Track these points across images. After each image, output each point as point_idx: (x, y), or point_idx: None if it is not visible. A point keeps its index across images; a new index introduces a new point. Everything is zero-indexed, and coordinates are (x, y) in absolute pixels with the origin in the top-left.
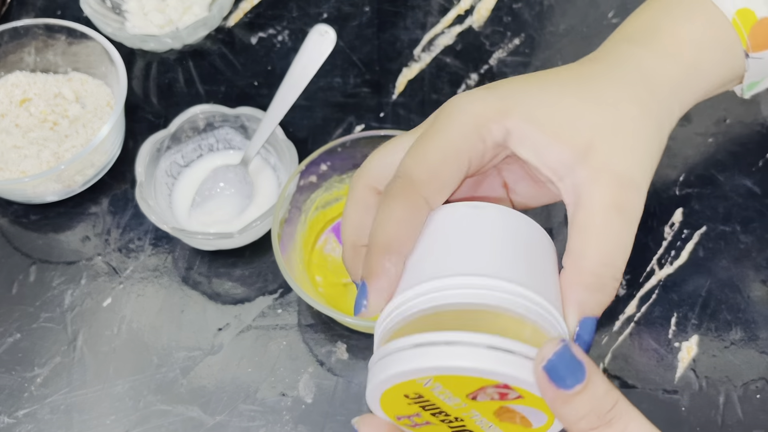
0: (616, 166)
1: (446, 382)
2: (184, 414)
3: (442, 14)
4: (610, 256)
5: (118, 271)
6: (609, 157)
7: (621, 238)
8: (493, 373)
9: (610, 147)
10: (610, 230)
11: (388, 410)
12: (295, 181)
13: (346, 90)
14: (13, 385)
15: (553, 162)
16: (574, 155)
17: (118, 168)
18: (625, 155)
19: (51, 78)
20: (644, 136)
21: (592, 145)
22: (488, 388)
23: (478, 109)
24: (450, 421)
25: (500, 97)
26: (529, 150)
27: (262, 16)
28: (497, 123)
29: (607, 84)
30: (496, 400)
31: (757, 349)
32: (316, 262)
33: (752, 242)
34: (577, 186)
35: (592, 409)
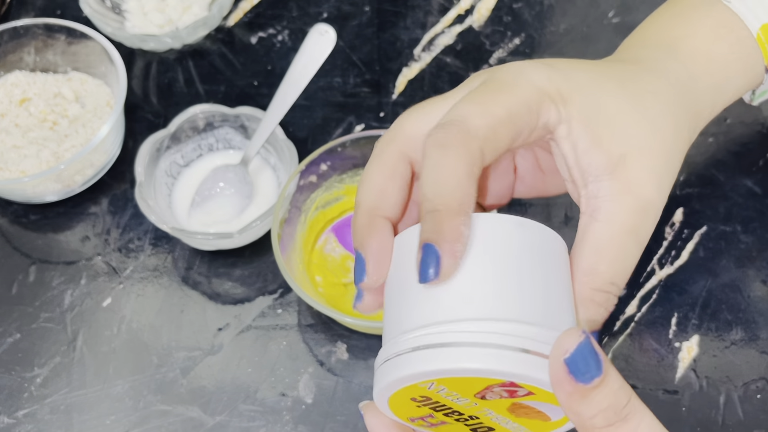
0: (641, 188)
1: (450, 384)
2: (184, 414)
3: (442, 14)
4: (619, 277)
5: (117, 271)
6: (637, 177)
7: (629, 260)
8: (497, 372)
9: (639, 166)
10: (624, 253)
11: (400, 413)
12: (295, 180)
13: (346, 90)
14: (12, 386)
15: (586, 165)
16: (606, 165)
17: (117, 168)
18: (651, 177)
19: (51, 78)
20: (672, 158)
21: (624, 160)
22: (495, 387)
23: (543, 84)
24: (465, 419)
25: (564, 79)
26: (570, 145)
27: (261, 16)
28: (556, 106)
29: (654, 98)
30: (505, 398)
31: (758, 349)
32: (316, 262)
33: (753, 242)
34: (598, 199)
35: (609, 404)
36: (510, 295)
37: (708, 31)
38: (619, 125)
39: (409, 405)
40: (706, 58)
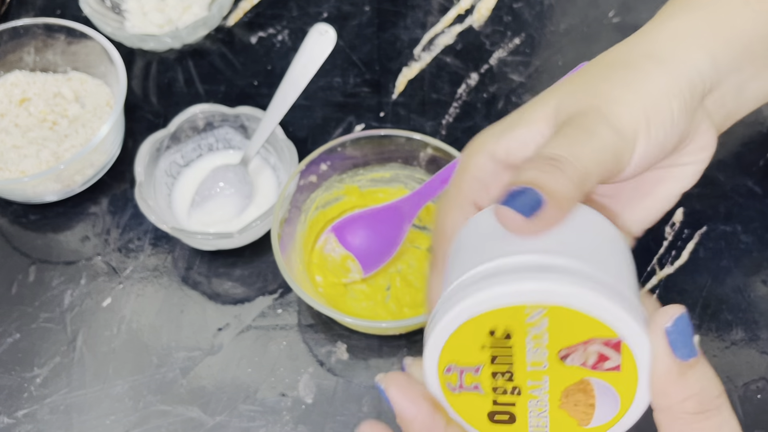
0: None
1: (558, 319)
2: (184, 414)
3: (442, 13)
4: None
5: (117, 271)
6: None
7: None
8: (623, 319)
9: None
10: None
11: (447, 355)
12: (295, 180)
13: (346, 89)
14: (12, 386)
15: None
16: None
17: (117, 168)
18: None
19: (50, 77)
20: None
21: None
22: (594, 344)
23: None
24: (504, 390)
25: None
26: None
27: (261, 16)
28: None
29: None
30: (586, 367)
31: (758, 349)
32: (316, 262)
33: (753, 242)
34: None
35: (702, 389)
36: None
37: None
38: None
39: (472, 345)
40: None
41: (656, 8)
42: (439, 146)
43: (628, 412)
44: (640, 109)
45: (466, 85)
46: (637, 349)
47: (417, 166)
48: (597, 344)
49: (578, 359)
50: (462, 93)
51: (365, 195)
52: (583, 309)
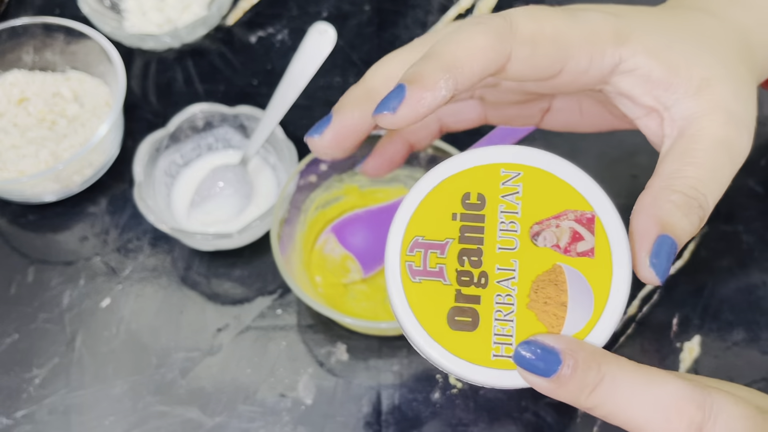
0: (730, 103)
1: (532, 186)
2: (183, 415)
3: (442, 13)
4: (705, 185)
5: (116, 271)
6: (724, 96)
7: (721, 174)
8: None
9: (723, 86)
10: (713, 161)
11: (415, 226)
12: (294, 180)
13: (346, 89)
14: (11, 386)
15: (661, 93)
16: (687, 88)
17: (116, 168)
18: (738, 97)
19: (49, 77)
20: (751, 89)
21: (707, 82)
22: (567, 219)
23: (599, 25)
24: (470, 279)
25: (620, 21)
26: (635, 81)
27: (261, 15)
28: (613, 48)
29: (716, 39)
30: (558, 250)
31: (760, 350)
32: (315, 263)
33: (754, 242)
34: (686, 117)
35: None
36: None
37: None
38: (693, 55)
39: (441, 217)
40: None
41: None
42: (439, 146)
43: (602, 317)
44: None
45: None
46: (612, 229)
47: (417, 166)
48: (570, 219)
49: (550, 238)
50: None
51: (365, 195)
52: (559, 174)
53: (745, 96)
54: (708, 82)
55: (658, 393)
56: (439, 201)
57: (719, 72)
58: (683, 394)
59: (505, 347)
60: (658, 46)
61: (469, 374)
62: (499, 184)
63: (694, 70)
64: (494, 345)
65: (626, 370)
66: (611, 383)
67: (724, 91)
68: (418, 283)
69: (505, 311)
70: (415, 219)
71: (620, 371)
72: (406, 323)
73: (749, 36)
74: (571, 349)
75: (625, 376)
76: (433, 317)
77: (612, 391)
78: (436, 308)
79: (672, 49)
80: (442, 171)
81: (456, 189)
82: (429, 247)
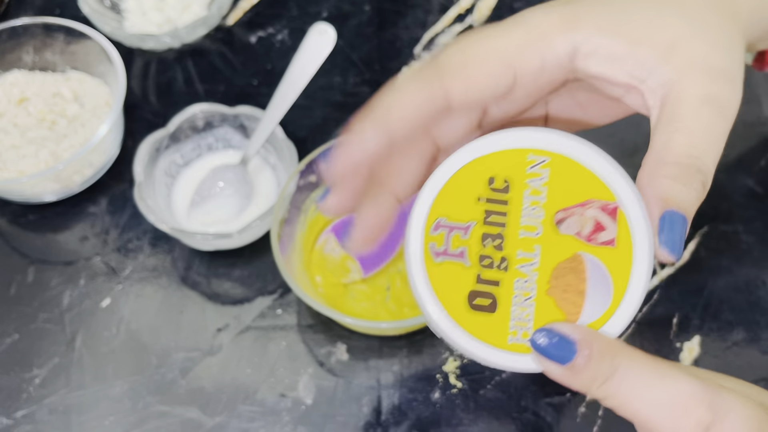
0: (708, 58)
1: (559, 173)
2: (183, 415)
3: (442, 13)
4: (698, 148)
5: (116, 271)
6: (697, 52)
7: (712, 132)
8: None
9: (695, 43)
10: (700, 121)
11: (440, 207)
12: (294, 180)
13: (346, 89)
14: (11, 386)
15: (631, 67)
16: (657, 56)
17: (116, 168)
18: (714, 48)
19: (49, 77)
20: (731, 39)
21: (676, 44)
22: (591, 208)
23: (540, 21)
24: (491, 262)
25: (566, 8)
26: (601, 62)
27: (261, 15)
28: (563, 36)
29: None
30: (581, 238)
31: (759, 349)
32: (315, 262)
33: (754, 242)
34: (663, 84)
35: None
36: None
37: None
38: (651, 19)
39: (466, 198)
40: None
41: None
42: None
43: (620, 307)
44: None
45: None
46: (635, 219)
47: None
48: (594, 208)
49: (574, 227)
50: None
51: None
52: (586, 163)
53: (725, 46)
54: (676, 43)
55: (669, 390)
56: (464, 183)
57: (686, 31)
58: (693, 393)
59: (522, 332)
60: (614, 21)
61: (484, 355)
62: (525, 169)
63: (657, 36)
64: (512, 329)
65: (639, 363)
66: (623, 376)
67: (697, 47)
68: (440, 263)
69: (524, 296)
70: (440, 200)
71: (633, 364)
72: (427, 302)
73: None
74: (587, 339)
75: (638, 370)
76: (453, 298)
77: (623, 384)
78: (457, 289)
79: (630, 21)
80: (468, 152)
81: (482, 172)
82: (452, 228)
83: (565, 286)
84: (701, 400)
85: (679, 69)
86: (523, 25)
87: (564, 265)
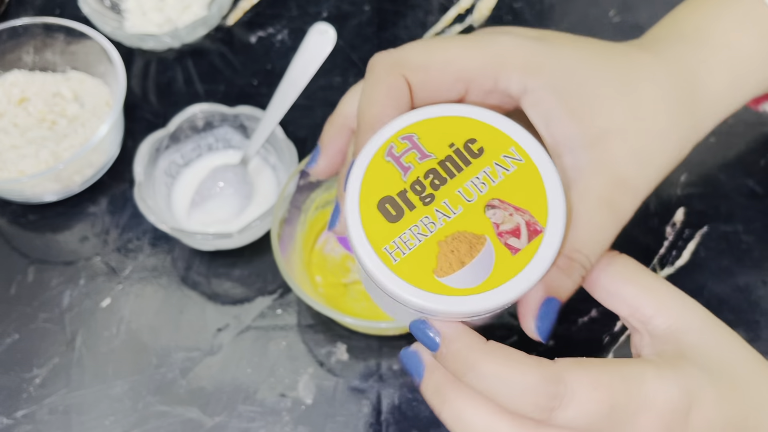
0: (621, 166)
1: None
2: (183, 415)
3: (442, 13)
4: (586, 245)
5: (116, 271)
6: (617, 154)
7: (601, 233)
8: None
9: (622, 145)
10: (592, 221)
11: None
12: (294, 180)
13: (346, 89)
14: (11, 386)
15: (559, 136)
16: (584, 139)
17: (116, 168)
18: (635, 159)
19: (49, 77)
20: (664, 143)
21: (606, 136)
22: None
23: (509, 50)
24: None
25: (540, 51)
26: (540, 115)
27: (261, 15)
28: (518, 75)
29: (647, 79)
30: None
31: (760, 349)
32: (315, 262)
33: (754, 242)
34: (574, 168)
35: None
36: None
37: (732, 22)
38: (600, 102)
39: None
40: (725, 47)
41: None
42: None
43: (480, 296)
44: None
45: None
46: (545, 250)
47: None
48: (524, 218)
49: (498, 217)
50: None
51: None
52: (546, 180)
53: (647, 152)
54: (606, 135)
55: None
56: (451, 126)
57: (624, 124)
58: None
59: (395, 252)
60: (568, 84)
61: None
62: (501, 154)
63: (597, 119)
64: (392, 243)
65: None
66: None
67: (620, 147)
68: (387, 162)
69: (421, 230)
70: (424, 124)
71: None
72: (355, 174)
73: (696, 78)
74: (450, 337)
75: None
76: (373, 191)
77: (478, 380)
78: (381, 187)
79: (580, 90)
80: (471, 110)
81: (471, 128)
82: (416, 147)
83: (455, 249)
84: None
85: (595, 163)
86: (492, 46)
87: (467, 234)
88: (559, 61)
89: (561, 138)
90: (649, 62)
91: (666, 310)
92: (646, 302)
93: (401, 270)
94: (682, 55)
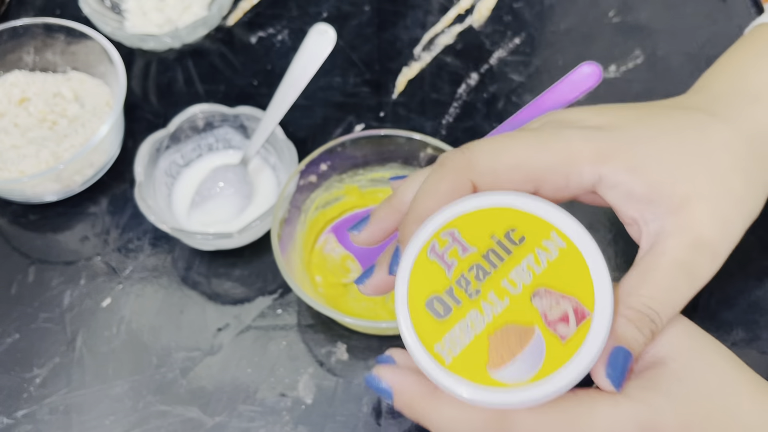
0: (704, 228)
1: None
2: (184, 415)
3: (442, 13)
4: (659, 304)
5: (117, 271)
6: (699, 218)
7: (676, 295)
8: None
9: (704, 208)
10: (670, 284)
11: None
12: (294, 180)
13: (346, 89)
14: (11, 386)
15: (644, 209)
16: (668, 207)
17: (117, 168)
18: (716, 221)
19: (50, 77)
20: (741, 209)
21: (688, 201)
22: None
23: (576, 145)
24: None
25: (603, 140)
26: (619, 196)
27: (261, 16)
28: (591, 166)
29: (721, 146)
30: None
31: (759, 349)
32: (316, 262)
33: (754, 242)
34: (657, 234)
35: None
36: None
37: None
38: (679, 171)
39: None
40: None
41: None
42: (439, 146)
43: (532, 385)
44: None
45: (466, 85)
46: (594, 334)
47: (417, 166)
48: (570, 304)
49: (545, 305)
50: (462, 93)
51: (365, 195)
52: (591, 267)
53: (727, 215)
54: (688, 200)
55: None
56: (492, 217)
57: (703, 189)
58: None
59: (447, 351)
60: (642, 162)
61: (410, 344)
62: (542, 240)
63: (677, 186)
64: (443, 342)
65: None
66: (428, 421)
67: (702, 211)
68: (431, 260)
69: (470, 326)
70: (466, 217)
71: (433, 412)
72: (401, 276)
73: (765, 139)
74: (399, 390)
75: (437, 415)
76: (420, 290)
77: (431, 426)
78: (427, 286)
79: (657, 164)
80: (512, 198)
81: (510, 218)
82: (458, 242)
83: (506, 341)
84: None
85: (676, 227)
86: (559, 142)
87: (516, 326)
88: (630, 144)
89: (646, 209)
90: (720, 129)
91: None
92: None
93: (456, 368)
94: (756, 119)
